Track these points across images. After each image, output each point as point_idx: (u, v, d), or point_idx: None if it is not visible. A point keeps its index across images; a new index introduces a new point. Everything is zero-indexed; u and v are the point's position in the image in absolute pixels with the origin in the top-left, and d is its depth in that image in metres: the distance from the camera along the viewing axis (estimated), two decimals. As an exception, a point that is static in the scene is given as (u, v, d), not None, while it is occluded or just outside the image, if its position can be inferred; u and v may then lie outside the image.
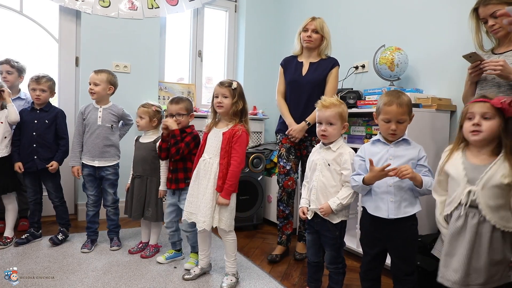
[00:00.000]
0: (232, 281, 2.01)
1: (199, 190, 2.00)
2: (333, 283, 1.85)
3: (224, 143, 1.96)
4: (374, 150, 1.69)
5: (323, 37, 2.44)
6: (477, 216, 1.33)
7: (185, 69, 3.86)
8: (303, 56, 2.52)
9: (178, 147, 2.15)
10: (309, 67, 2.46)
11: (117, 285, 1.98)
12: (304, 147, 2.47)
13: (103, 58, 3.20)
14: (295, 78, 2.47)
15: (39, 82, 2.47)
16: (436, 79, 2.43)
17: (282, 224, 2.53)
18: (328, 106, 1.76)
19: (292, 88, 2.47)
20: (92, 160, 2.46)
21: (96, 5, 3.19)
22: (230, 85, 2.00)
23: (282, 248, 2.52)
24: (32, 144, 2.46)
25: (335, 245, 1.79)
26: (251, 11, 3.90)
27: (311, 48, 2.46)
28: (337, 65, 2.45)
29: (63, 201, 2.63)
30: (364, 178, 1.62)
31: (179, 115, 2.22)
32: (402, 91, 1.72)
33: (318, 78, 2.42)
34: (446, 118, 2.31)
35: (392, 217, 1.59)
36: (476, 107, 1.36)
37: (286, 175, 2.46)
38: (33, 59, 3.17)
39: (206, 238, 2.13)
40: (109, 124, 2.50)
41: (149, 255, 2.39)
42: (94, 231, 2.55)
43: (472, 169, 1.36)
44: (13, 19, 3.12)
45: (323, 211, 1.73)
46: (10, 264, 2.18)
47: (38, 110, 2.51)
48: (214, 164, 1.98)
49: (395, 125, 1.60)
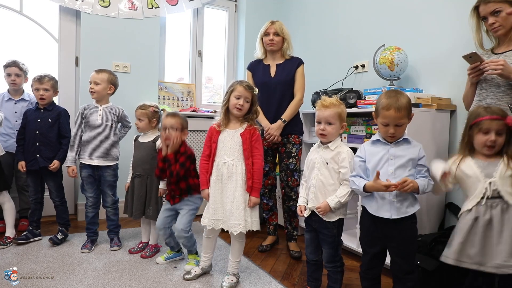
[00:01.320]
0: (232, 281, 2.01)
1: (227, 194, 1.95)
2: (332, 282, 1.85)
3: (246, 143, 1.96)
4: (374, 150, 1.69)
5: (284, 39, 2.58)
6: (500, 205, 1.48)
7: (185, 69, 3.86)
8: (268, 59, 2.66)
9: (171, 171, 2.13)
10: (277, 69, 2.59)
11: (117, 285, 1.98)
12: (282, 145, 2.58)
13: (103, 58, 3.20)
14: (264, 80, 2.58)
15: (42, 81, 2.47)
16: (436, 79, 2.43)
17: (267, 216, 2.75)
18: (328, 106, 1.77)
19: (263, 90, 2.50)
20: (91, 159, 2.46)
21: (96, 5, 3.19)
22: (253, 89, 2.00)
23: (271, 238, 2.73)
24: (35, 143, 2.47)
25: (333, 243, 1.80)
26: (251, 11, 3.90)
27: (274, 51, 2.60)
28: (302, 64, 2.60)
29: (63, 201, 2.63)
30: (365, 186, 1.62)
31: (172, 129, 2.15)
32: (401, 91, 1.72)
33: (287, 78, 2.55)
34: (446, 117, 2.31)
35: (394, 217, 1.60)
36: (494, 124, 1.51)
37: (266, 175, 2.63)
38: (33, 59, 3.16)
39: (213, 242, 2.12)
40: (109, 123, 2.50)
41: (149, 255, 2.39)
42: (94, 232, 2.55)
43: (485, 166, 1.52)
44: (13, 19, 3.12)
45: (321, 210, 1.73)
46: (10, 263, 2.18)
47: (42, 110, 2.52)
48: (238, 165, 1.96)
49: (394, 129, 1.61)
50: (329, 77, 3.15)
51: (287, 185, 2.57)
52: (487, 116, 1.52)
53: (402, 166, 1.61)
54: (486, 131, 1.51)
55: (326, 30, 3.37)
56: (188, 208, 2.20)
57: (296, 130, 2.58)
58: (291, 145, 2.56)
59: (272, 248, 2.68)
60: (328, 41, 3.34)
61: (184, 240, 2.20)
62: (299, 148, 2.58)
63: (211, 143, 2.02)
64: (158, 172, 2.22)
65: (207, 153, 2.04)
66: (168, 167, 2.15)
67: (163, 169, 2.19)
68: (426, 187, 1.58)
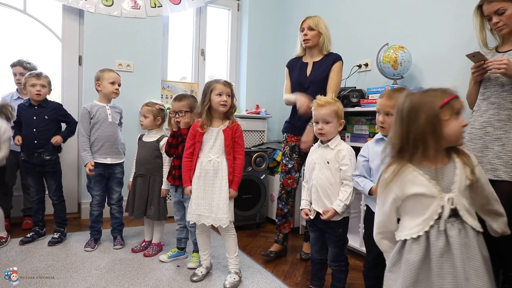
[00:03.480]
0: (235, 280, 2.02)
1: (214, 190, 2.00)
2: (336, 282, 1.85)
3: (228, 140, 2.01)
4: (377, 150, 1.68)
5: (320, 33, 2.41)
6: (456, 225, 1.12)
7: (188, 68, 3.87)
8: (307, 56, 2.51)
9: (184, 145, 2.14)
10: (313, 67, 2.45)
11: (120, 283, 1.99)
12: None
13: (106, 57, 3.21)
14: (299, 80, 2.47)
15: (39, 77, 2.48)
16: (440, 78, 2.42)
17: (280, 223, 2.51)
18: (323, 104, 1.78)
19: (297, 89, 2.46)
20: (105, 158, 2.47)
21: (99, 4, 3.20)
22: (230, 84, 2.04)
23: (278, 246, 2.49)
24: (33, 141, 2.47)
25: (339, 242, 1.80)
26: (254, 9, 3.90)
27: (310, 47, 2.44)
28: (339, 60, 2.41)
29: (62, 199, 2.63)
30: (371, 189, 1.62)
31: (181, 113, 2.21)
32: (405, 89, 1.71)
33: (320, 76, 2.40)
34: (450, 117, 2.30)
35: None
36: (459, 104, 1.20)
37: (287, 173, 2.45)
38: (37, 58, 3.17)
39: (206, 238, 2.14)
40: (117, 121, 2.54)
41: (152, 254, 2.40)
42: (98, 230, 2.56)
43: (438, 173, 1.15)
44: (17, 18, 3.13)
45: (329, 217, 1.73)
46: (14, 262, 2.20)
47: (36, 106, 2.50)
48: (223, 162, 2.00)
49: (383, 117, 1.63)
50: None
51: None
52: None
53: None
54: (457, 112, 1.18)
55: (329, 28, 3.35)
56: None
57: None
58: None
59: (277, 256, 2.46)
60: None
61: (193, 229, 2.25)
62: None
63: (195, 142, 2.04)
64: (167, 147, 2.25)
65: (190, 151, 2.06)
66: (181, 142, 2.17)
67: (172, 145, 2.22)
68: None
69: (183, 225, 2.35)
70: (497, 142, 1.73)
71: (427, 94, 1.21)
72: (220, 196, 1.98)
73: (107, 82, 2.47)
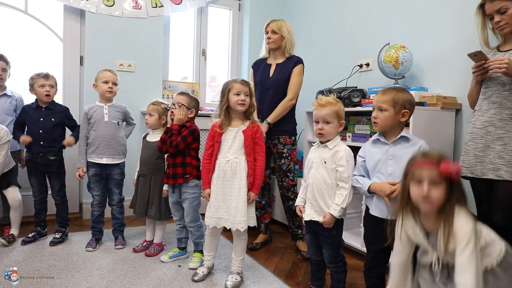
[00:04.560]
0: (237, 280, 2.02)
1: (232, 191, 1.97)
2: (335, 282, 1.85)
3: (248, 140, 1.97)
4: (374, 150, 1.71)
5: (282, 36, 2.53)
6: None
7: (189, 68, 3.87)
8: (271, 58, 2.66)
9: (172, 140, 2.14)
10: (275, 68, 2.59)
11: (121, 283, 1.99)
12: (273, 145, 2.58)
13: (107, 57, 3.21)
14: (262, 80, 2.61)
15: (47, 78, 2.48)
16: (441, 77, 2.41)
17: (260, 214, 2.70)
18: (324, 104, 1.77)
19: (259, 89, 2.60)
20: (100, 158, 2.46)
21: (100, 4, 3.20)
22: (249, 83, 2.02)
23: (263, 236, 2.71)
24: (39, 142, 2.48)
25: (333, 244, 1.80)
26: (255, 9, 3.89)
27: (273, 49, 2.58)
28: (300, 63, 2.55)
29: (65, 199, 2.64)
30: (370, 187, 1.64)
31: (178, 104, 2.19)
32: (404, 88, 1.72)
33: (282, 78, 2.53)
34: (451, 116, 2.30)
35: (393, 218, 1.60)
36: (425, 172, 1.24)
37: None
38: (38, 58, 3.18)
39: (216, 240, 2.13)
40: (115, 120, 2.52)
41: (153, 254, 2.40)
42: (99, 230, 2.56)
43: (429, 237, 1.32)
44: (18, 18, 3.13)
45: (327, 224, 1.73)
46: (16, 262, 2.20)
47: (43, 108, 2.51)
48: (241, 163, 1.98)
49: (376, 113, 1.65)
50: (333, 75, 3.13)
51: (283, 186, 2.57)
52: (419, 161, 1.28)
53: (402, 166, 1.60)
54: (418, 179, 1.26)
55: (330, 28, 3.36)
56: (189, 202, 2.21)
57: (286, 130, 2.54)
58: (282, 145, 2.54)
59: (263, 246, 2.67)
60: (332, 40, 3.33)
61: (193, 229, 2.26)
62: (292, 149, 2.56)
63: (214, 143, 2.02)
64: (160, 143, 2.23)
65: (209, 152, 2.04)
66: (169, 137, 2.16)
67: (164, 141, 2.19)
68: None
69: (182, 225, 2.34)
70: (499, 141, 1.72)
71: (420, 153, 1.35)
72: (239, 198, 1.95)
73: (101, 82, 2.47)
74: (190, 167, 2.18)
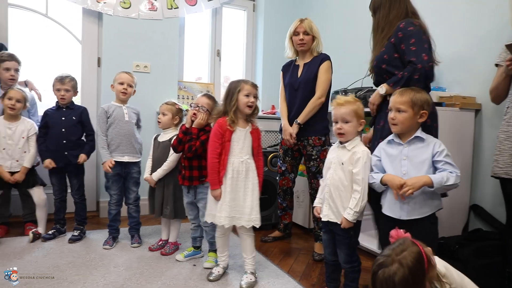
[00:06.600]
0: (251, 280, 2.02)
1: (246, 191, 2.01)
2: (349, 281, 1.84)
3: (256, 142, 2.06)
4: (389, 151, 1.70)
5: (313, 37, 2.52)
6: None
7: (203, 68, 3.90)
8: (299, 58, 2.63)
9: (191, 145, 2.15)
10: (303, 68, 2.56)
11: (138, 281, 2.02)
12: (303, 147, 2.55)
13: (124, 58, 3.26)
14: (291, 81, 2.59)
15: (63, 82, 2.54)
16: (460, 77, 2.37)
17: (281, 214, 2.82)
18: (343, 104, 1.76)
19: (289, 90, 2.61)
20: (122, 156, 2.51)
21: (117, 7, 3.26)
22: (257, 86, 2.07)
23: (278, 233, 2.84)
24: (62, 141, 2.54)
25: (349, 245, 1.79)
26: (269, 10, 3.90)
27: (305, 50, 2.55)
28: (327, 59, 2.51)
29: (83, 198, 2.70)
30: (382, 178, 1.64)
31: (203, 108, 2.19)
32: (421, 89, 1.69)
33: (309, 76, 2.50)
34: (471, 117, 2.25)
35: (404, 219, 1.58)
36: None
37: (281, 175, 2.70)
38: (58, 60, 3.26)
39: (227, 240, 2.14)
40: (134, 120, 2.58)
41: (168, 252, 2.43)
42: (116, 229, 2.61)
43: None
44: (39, 21, 3.21)
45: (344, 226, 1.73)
46: (37, 257, 2.26)
47: (64, 108, 2.59)
48: (252, 163, 2.04)
49: (394, 114, 1.64)
50: (348, 75, 3.10)
51: (312, 187, 2.55)
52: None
53: (416, 167, 1.59)
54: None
55: (346, 28, 3.33)
56: (204, 202, 2.21)
57: (315, 131, 2.49)
58: (310, 147, 2.50)
59: (275, 240, 2.79)
60: (348, 39, 3.31)
61: (208, 228, 2.27)
62: (321, 150, 2.48)
63: (224, 141, 1.99)
64: (176, 142, 2.22)
65: (218, 151, 1.99)
66: (188, 141, 2.17)
67: (182, 141, 2.19)
68: (444, 179, 1.51)
69: (197, 224, 2.36)
70: None
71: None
72: (253, 197, 2.01)
73: (117, 83, 2.53)
74: (206, 170, 2.18)
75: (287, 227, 2.82)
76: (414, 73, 1.75)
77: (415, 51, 1.78)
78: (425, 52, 1.77)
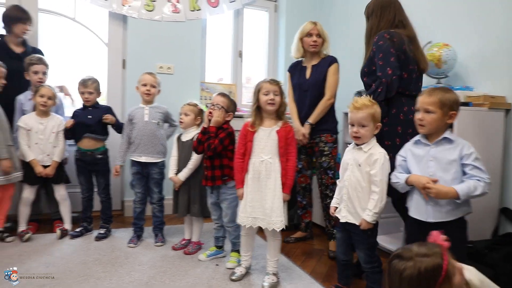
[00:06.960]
0: (273, 281, 2.02)
1: (267, 192, 1.99)
2: (371, 283, 1.82)
3: (282, 142, 2.00)
4: (415, 152, 1.68)
5: (323, 40, 2.60)
6: None
7: (225, 69, 3.92)
8: (307, 60, 2.68)
9: (210, 143, 2.16)
10: (312, 70, 2.62)
11: (161, 280, 2.06)
12: (315, 144, 2.60)
13: (148, 60, 3.33)
14: (299, 82, 2.65)
15: (86, 85, 2.64)
16: (488, 76, 2.29)
17: (301, 213, 2.83)
18: (360, 107, 1.74)
19: (297, 92, 2.66)
20: (140, 156, 2.56)
21: (142, 10, 3.32)
22: (278, 82, 2.05)
23: (300, 233, 2.83)
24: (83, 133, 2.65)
25: (368, 245, 1.78)
26: (291, 10, 3.88)
27: (315, 52, 2.60)
28: (335, 62, 2.57)
29: (109, 197, 2.77)
30: (408, 179, 1.61)
31: (218, 105, 2.19)
32: (450, 88, 1.65)
33: (318, 78, 2.56)
34: (500, 117, 2.17)
35: (430, 221, 1.55)
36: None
37: (299, 173, 2.71)
38: (85, 62, 3.36)
39: (252, 240, 2.15)
40: (156, 121, 2.61)
41: (191, 252, 2.46)
42: (140, 227, 2.67)
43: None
44: (68, 25, 3.32)
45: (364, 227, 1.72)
46: (66, 254, 2.35)
47: (90, 108, 2.69)
48: (276, 163, 2.00)
49: (422, 115, 1.60)
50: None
51: (322, 183, 2.57)
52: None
53: (443, 168, 1.56)
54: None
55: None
56: (228, 203, 2.24)
57: (327, 129, 2.56)
58: (323, 143, 2.55)
59: (297, 241, 2.78)
60: (370, 39, 3.25)
61: (231, 228, 2.28)
62: (333, 147, 2.56)
63: (246, 142, 2.04)
64: (196, 143, 2.25)
65: (241, 151, 2.06)
66: (207, 139, 2.18)
67: (201, 141, 2.22)
68: (472, 190, 1.48)
69: (220, 224, 2.38)
70: None
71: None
72: (274, 199, 1.97)
73: (140, 84, 2.60)
74: (228, 169, 2.20)
75: (308, 226, 2.83)
76: (379, 87, 1.91)
77: (381, 65, 1.93)
78: (390, 65, 1.90)
